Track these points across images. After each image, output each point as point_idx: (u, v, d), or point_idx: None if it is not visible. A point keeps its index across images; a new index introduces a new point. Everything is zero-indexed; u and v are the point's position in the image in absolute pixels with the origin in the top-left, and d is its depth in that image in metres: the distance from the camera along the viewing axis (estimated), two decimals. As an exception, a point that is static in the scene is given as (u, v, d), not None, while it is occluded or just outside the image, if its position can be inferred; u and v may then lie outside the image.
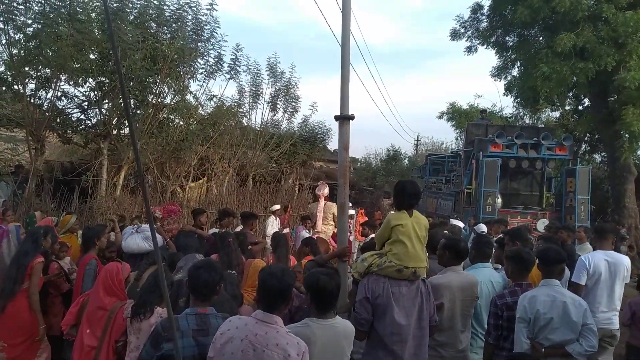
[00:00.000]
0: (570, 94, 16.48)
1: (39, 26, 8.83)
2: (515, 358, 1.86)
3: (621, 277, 4.77)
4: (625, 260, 4.89)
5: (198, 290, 2.60)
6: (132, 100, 10.08)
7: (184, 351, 2.34)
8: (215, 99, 13.45)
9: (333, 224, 9.07)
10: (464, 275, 3.77)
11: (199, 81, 12.31)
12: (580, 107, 16.94)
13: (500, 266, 5.10)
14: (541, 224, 10.60)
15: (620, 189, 13.65)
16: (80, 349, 3.47)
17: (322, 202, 9.15)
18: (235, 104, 14.37)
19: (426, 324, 3.19)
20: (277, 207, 10.14)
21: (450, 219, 9.83)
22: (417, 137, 36.35)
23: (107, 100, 10.21)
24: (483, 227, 7.94)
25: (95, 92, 10.15)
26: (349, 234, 5.27)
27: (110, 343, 3.35)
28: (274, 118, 15.97)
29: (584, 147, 18.08)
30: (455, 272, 3.71)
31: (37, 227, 4.75)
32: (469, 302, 3.73)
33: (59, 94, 9.93)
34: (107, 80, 9.97)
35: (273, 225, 9.52)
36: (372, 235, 5.36)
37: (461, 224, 8.55)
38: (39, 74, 9.51)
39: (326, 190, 9.43)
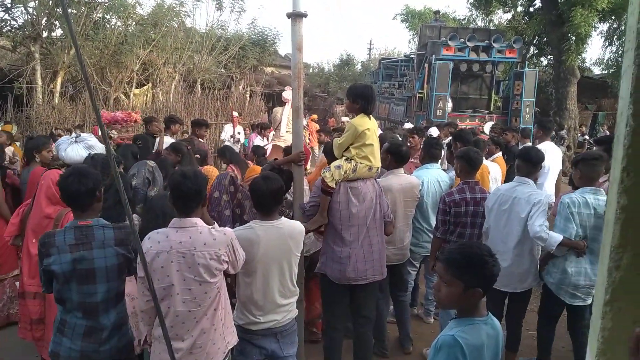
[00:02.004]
0: (523, -6, 16.34)
1: None
2: (462, 244, 1.98)
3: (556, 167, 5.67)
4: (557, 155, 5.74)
5: (70, 202, 2.40)
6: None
7: (62, 267, 2.26)
8: (154, -3, 12.45)
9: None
10: (404, 178, 3.95)
11: (135, -24, 11.30)
12: (531, 9, 16.88)
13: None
14: (488, 127, 10.96)
15: (563, 91, 14.10)
16: (29, 259, 3.43)
17: (288, 106, 8.92)
18: (177, 3, 13.37)
19: (380, 216, 3.35)
20: (236, 113, 10.17)
21: (405, 124, 9.98)
22: (370, 42, 35.57)
23: (32, -3, 9.21)
24: (434, 131, 8.11)
25: (18, -12, 9.10)
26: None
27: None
28: (219, 19, 15.10)
29: (532, 50, 18.30)
30: (396, 174, 3.88)
31: None
32: (410, 203, 3.95)
33: (-24, -11, 8.90)
34: (30, -26, 8.94)
35: (227, 131, 9.56)
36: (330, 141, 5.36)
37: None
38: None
39: None
